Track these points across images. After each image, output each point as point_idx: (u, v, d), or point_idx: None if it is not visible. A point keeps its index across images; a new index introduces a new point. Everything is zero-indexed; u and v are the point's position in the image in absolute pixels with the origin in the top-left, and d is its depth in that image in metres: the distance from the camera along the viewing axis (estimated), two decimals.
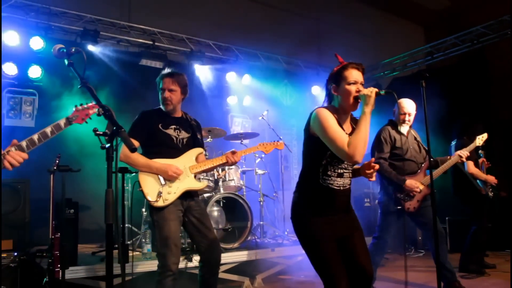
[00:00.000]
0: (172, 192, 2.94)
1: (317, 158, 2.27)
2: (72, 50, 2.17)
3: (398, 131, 3.91)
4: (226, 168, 4.94)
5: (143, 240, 4.31)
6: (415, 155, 3.91)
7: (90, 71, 5.29)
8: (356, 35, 8.20)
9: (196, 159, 3.17)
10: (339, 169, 2.28)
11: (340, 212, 2.32)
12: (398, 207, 3.79)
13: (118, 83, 5.83)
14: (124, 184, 3.77)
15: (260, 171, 5.49)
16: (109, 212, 1.98)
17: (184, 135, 3.16)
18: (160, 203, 2.89)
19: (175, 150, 3.09)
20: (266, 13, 7.76)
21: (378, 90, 2.19)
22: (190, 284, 3.96)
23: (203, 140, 3.51)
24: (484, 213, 4.69)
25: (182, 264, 3.98)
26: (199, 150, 3.22)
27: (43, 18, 5.51)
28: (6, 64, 5.21)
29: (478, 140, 4.15)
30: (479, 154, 4.69)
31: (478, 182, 4.73)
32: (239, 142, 5.52)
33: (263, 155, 5.62)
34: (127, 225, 4.92)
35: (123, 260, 2.84)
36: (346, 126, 2.34)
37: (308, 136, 2.31)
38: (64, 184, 3.59)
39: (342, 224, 2.30)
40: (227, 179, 4.95)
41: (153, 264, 3.86)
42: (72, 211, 3.76)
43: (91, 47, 5.76)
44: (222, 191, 4.77)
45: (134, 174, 3.19)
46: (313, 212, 2.26)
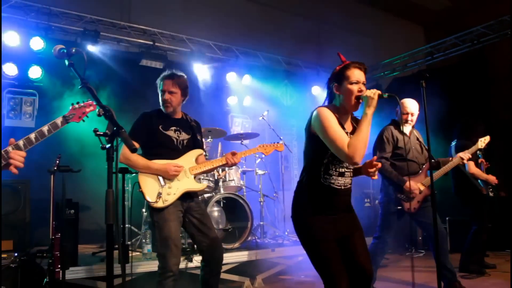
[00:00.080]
0: (171, 193, 2.94)
1: (318, 157, 2.27)
2: (73, 50, 2.17)
3: (401, 131, 3.91)
4: (227, 168, 4.94)
5: (143, 240, 4.31)
6: (417, 155, 3.91)
7: (91, 72, 5.29)
8: (356, 35, 8.21)
9: (196, 160, 3.17)
10: (340, 168, 2.28)
11: (341, 212, 2.32)
12: (399, 207, 3.79)
13: (118, 84, 5.83)
14: (125, 185, 3.77)
15: (260, 171, 5.49)
16: (109, 212, 1.98)
17: (184, 136, 3.16)
18: (160, 204, 2.89)
19: (175, 151, 3.09)
20: (266, 13, 7.76)
21: (381, 92, 2.19)
22: (191, 284, 3.97)
23: (203, 141, 3.51)
24: (484, 213, 4.69)
25: (183, 265, 3.98)
26: (199, 151, 3.22)
27: (43, 19, 5.51)
28: (6, 65, 5.21)
29: (480, 142, 4.15)
30: (478, 155, 4.70)
31: (479, 182, 4.74)
32: (239, 142, 5.52)
33: (263, 156, 5.61)
34: (127, 225, 4.92)
35: (123, 261, 2.84)
36: (347, 125, 2.34)
37: (309, 135, 2.31)
38: (64, 185, 3.60)
39: (342, 223, 2.31)
40: (227, 180, 4.96)
41: (153, 265, 3.86)
42: (72, 211, 3.76)
43: (91, 48, 5.76)
44: (222, 191, 4.77)
45: (134, 174, 3.19)
46: (314, 211, 2.26)
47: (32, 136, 2.10)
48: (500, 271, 4.80)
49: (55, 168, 3.53)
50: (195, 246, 3.53)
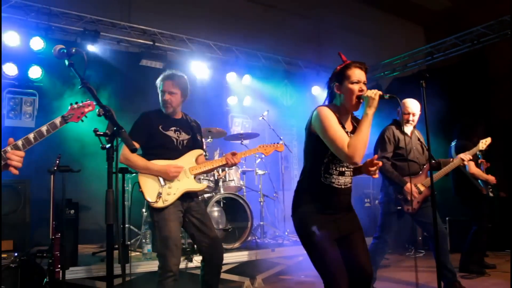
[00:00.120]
0: (171, 193, 2.95)
1: (318, 156, 2.27)
2: (73, 50, 2.17)
3: (402, 131, 3.91)
4: (227, 168, 4.94)
5: (143, 240, 4.31)
6: (418, 156, 3.90)
7: (91, 72, 5.28)
8: (356, 35, 8.20)
9: (196, 161, 3.17)
10: (340, 167, 2.28)
11: (341, 211, 2.32)
12: (398, 208, 3.79)
13: (118, 84, 5.83)
14: (125, 185, 3.77)
15: (260, 172, 5.49)
16: (109, 212, 1.98)
17: (184, 136, 3.16)
18: (160, 204, 2.90)
19: (175, 151, 3.09)
20: (266, 13, 7.76)
21: (382, 93, 2.19)
22: (191, 284, 3.96)
23: (203, 141, 3.51)
24: (484, 213, 4.69)
25: (183, 265, 3.98)
26: (199, 151, 3.22)
27: (43, 19, 5.51)
28: (7, 65, 5.21)
29: (481, 144, 4.16)
30: (478, 155, 4.70)
31: (479, 182, 4.74)
32: (239, 142, 5.52)
33: (263, 156, 5.61)
34: (127, 225, 4.92)
35: (123, 261, 2.84)
36: (348, 125, 2.35)
37: (310, 134, 2.30)
38: (64, 185, 3.60)
39: (343, 223, 2.30)
40: (227, 180, 4.96)
41: (153, 265, 3.87)
42: (72, 211, 3.77)
43: (91, 48, 5.75)
44: (222, 191, 4.77)
45: (134, 174, 3.20)
46: (314, 210, 2.26)
47: (31, 136, 2.10)
48: (500, 271, 4.80)
49: (55, 168, 3.53)
50: (195, 246, 3.53)
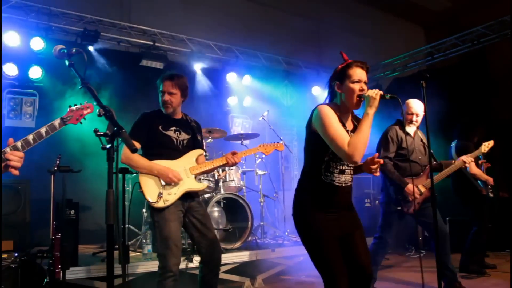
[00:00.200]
0: (172, 193, 2.95)
1: (319, 154, 2.27)
2: (73, 50, 2.17)
3: (405, 132, 3.91)
4: (227, 168, 4.94)
5: (144, 240, 4.31)
6: (420, 157, 3.90)
7: (91, 72, 5.30)
8: (356, 36, 8.20)
9: (196, 161, 3.17)
10: (341, 165, 2.28)
11: (342, 209, 2.32)
12: (398, 208, 3.79)
13: (118, 84, 5.82)
14: (125, 185, 3.77)
15: (260, 172, 5.49)
16: (110, 212, 1.98)
17: (184, 136, 3.16)
18: (161, 204, 2.90)
19: (175, 151, 3.09)
20: (266, 13, 7.76)
21: (383, 93, 2.19)
22: (191, 284, 3.96)
23: (203, 141, 3.51)
24: (484, 213, 4.69)
25: (183, 265, 3.99)
26: (199, 151, 3.22)
27: (44, 19, 5.51)
28: (7, 65, 5.21)
29: (483, 146, 4.16)
30: (479, 156, 4.69)
31: (479, 183, 4.74)
32: (240, 142, 5.52)
33: (263, 156, 5.62)
34: (127, 225, 4.92)
35: (123, 261, 2.84)
36: (348, 124, 2.35)
37: (310, 132, 2.31)
38: (64, 185, 3.60)
39: (343, 222, 2.30)
40: (227, 180, 4.96)
41: (153, 265, 3.87)
42: (72, 211, 3.77)
43: (91, 48, 5.75)
44: (222, 191, 4.77)
45: (134, 175, 3.19)
46: (315, 209, 2.26)
47: (30, 137, 2.11)
48: (500, 271, 4.80)
49: (56, 168, 3.53)
50: (195, 247, 3.53)
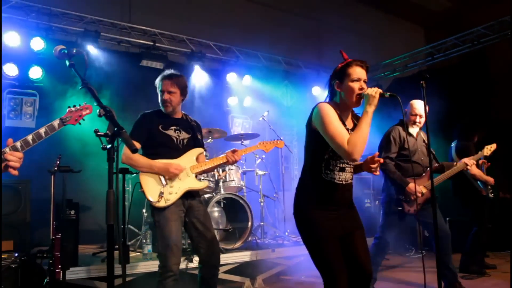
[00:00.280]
0: (173, 192, 2.95)
1: (319, 152, 2.28)
2: (73, 51, 2.18)
3: (408, 132, 3.92)
4: (227, 168, 4.95)
5: (144, 241, 4.31)
6: (422, 158, 3.90)
7: (91, 72, 5.29)
8: (356, 36, 8.20)
9: (197, 159, 3.18)
10: (341, 163, 2.29)
11: (343, 207, 2.32)
12: (399, 208, 3.79)
13: (119, 84, 5.83)
14: (125, 185, 3.77)
15: (260, 172, 5.49)
16: (110, 212, 1.98)
17: (184, 135, 3.17)
18: (162, 204, 2.90)
19: (175, 150, 3.10)
20: (267, 13, 7.76)
21: (382, 91, 2.20)
22: (191, 284, 3.96)
23: (203, 141, 3.51)
24: (484, 214, 4.69)
25: (183, 265, 3.99)
26: (200, 150, 3.23)
27: (44, 19, 5.51)
28: (7, 65, 5.21)
29: (486, 149, 4.19)
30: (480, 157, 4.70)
31: (479, 183, 4.73)
32: (240, 142, 5.52)
33: (263, 156, 5.62)
34: (127, 225, 4.92)
35: (124, 261, 2.83)
36: (348, 122, 2.36)
37: (310, 131, 2.32)
38: (65, 185, 3.60)
39: (344, 221, 2.30)
40: (227, 180, 4.95)
41: (153, 265, 3.87)
42: (72, 211, 3.76)
43: (91, 48, 5.75)
44: (222, 191, 4.77)
45: (134, 175, 3.20)
46: (316, 207, 2.26)
47: (29, 138, 2.11)
48: (501, 272, 4.80)
49: (56, 168, 3.53)
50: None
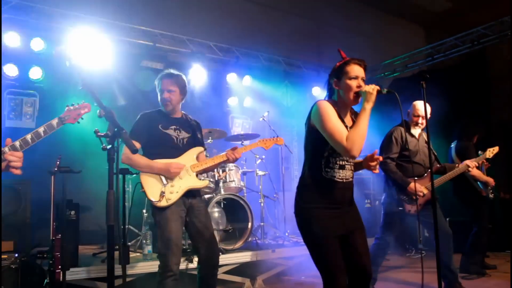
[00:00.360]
0: (174, 192, 2.95)
1: (318, 150, 2.28)
2: (74, 51, 2.18)
3: (410, 133, 3.91)
4: (227, 169, 4.95)
5: (144, 241, 4.31)
6: (424, 158, 3.90)
7: (91, 72, 5.28)
8: (356, 36, 8.20)
9: (197, 158, 3.19)
10: (340, 161, 2.29)
11: (344, 206, 2.32)
12: (400, 208, 3.79)
13: (118, 85, 5.82)
14: (125, 186, 3.76)
15: (260, 172, 5.49)
16: (110, 213, 1.98)
17: (184, 135, 3.17)
18: (163, 203, 2.90)
19: (175, 150, 3.10)
20: (267, 14, 7.76)
21: (379, 88, 2.22)
22: (191, 285, 3.96)
23: (203, 141, 3.51)
24: (484, 214, 4.69)
25: (183, 265, 3.99)
26: (200, 149, 3.23)
27: (44, 19, 5.47)
28: (7, 65, 5.20)
29: (488, 152, 4.20)
30: (479, 154, 4.70)
31: (479, 184, 4.74)
32: (240, 143, 5.52)
33: (263, 156, 5.62)
34: (127, 226, 4.91)
35: (124, 261, 2.84)
36: (347, 120, 2.37)
37: (309, 129, 2.33)
38: (65, 185, 3.60)
39: (345, 220, 2.30)
40: (227, 180, 4.95)
41: (153, 265, 3.87)
42: (73, 212, 3.77)
43: (91, 48, 5.73)
44: (222, 192, 4.77)
45: (134, 175, 3.19)
46: (317, 205, 2.26)
47: (28, 137, 2.11)
48: (501, 272, 4.80)
49: (56, 169, 3.53)
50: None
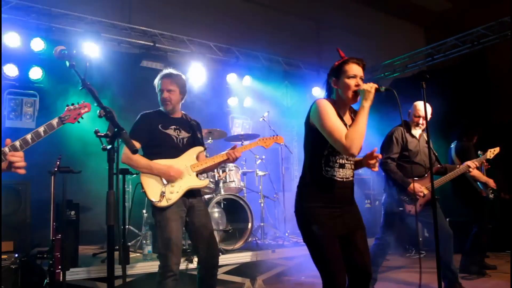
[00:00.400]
0: (175, 192, 2.95)
1: (318, 149, 2.29)
2: (74, 51, 2.18)
3: (411, 133, 3.92)
4: (227, 169, 4.95)
5: (144, 241, 4.31)
6: (424, 159, 3.90)
7: (91, 73, 5.27)
8: (356, 36, 8.20)
9: (197, 158, 3.18)
10: (340, 159, 2.29)
11: (344, 205, 2.32)
12: (400, 209, 3.79)
13: (119, 85, 5.82)
14: (125, 186, 3.77)
15: (260, 173, 5.49)
16: (110, 213, 1.98)
17: (184, 134, 3.17)
18: (164, 203, 2.90)
19: (175, 149, 3.10)
20: (267, 14, 7.77)
21: (377, 86, 2.23)
22: (191, 285, 3.96)
23: (203, 141, 3.51)
24: (484, 214, 4.69)
25: (183, 265, 3.98)
26: (200, 148, 3.23)
27: (44, 20, 5.51)
28: (7, 66, 5.21)
29: (489, 153, 4.20)
30: (478, 155, 4.70)
31: (479, 184, 4.74)
32: (240, 143, 5.52)
33: (263, 157, 5.62)
34: (127, 226, 4.91)
35: (124, 262, 2.84)
36: (347, 118, 2.37)
37: (309, 128, 2.33)
38: (65, 186, 3.60)
39: (345, 220, 2.30)
40: (227, 181, 4.95)
41: (153, 266, 3.87)
42: (73, 212, 3.77)
43: (92, 49, 5.74)
44: (222, 192, 4.77)
45: (134, 175, 3.20)
46: (317, 205, 2.26)
47: (28, 137, 2.11)
48: (501, 272, 4.80)
49: (56, 169, 3.53)
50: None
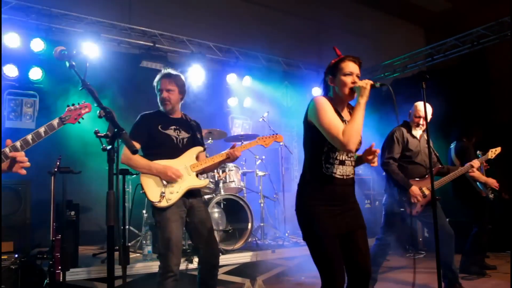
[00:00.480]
0: (174, 192, 2.95)
1: (318, 146, 2.29)
2: (73, 52, 2.18)
3: (411, 134, 3.92)
4: (227, 169, 4.95)
5: (144, 242, 4.31)
6: (425, 159, 3.89)
7: (91, 73, 5.27)
8: (356, 37, 8.20)
9: (197, 158, 3.19)
10: (340, 155, 2.29)
11: (345, 203, 2.32)
12: (401, 209, 3.78)
13: (119, 85, 5.82)
14: (125, 186, 3.77)
15: (260, 173, 5.49)
16: (110, 214, 1.98)
17: (184, 135, 3.17)
18: (164, 204, 2.90)
19: (175, 150, 3.10)
20: (266, 14, 7.77)
21: (373, 82, 2.25)
22: (191, 285, 3.96)
23: (203, 141, 3.51)
24: (484, 215, 4.69)
25: (183, 266, 3.98)
26: (200, 148, 3.23)
27: (44, 20, 5.51)
28: (7, 66, 5.21)
29: (490, 153, 4.21)
30: (478, 155, 4.70)
31: (478, 185, 4.74)
32: (240, 143, 5.51)
33: (263, 157, 5.62)
34: (127, 227, 4.91)
35: (124, 262, 2.83)
36: (345, 114, 2.38)
37: (307, 126, 2.34)
38: (65, 186, 3.60)
39: (346, 218, 2.29)
40: (227, 181, 4.95)
41: (153, 266, 3.87)
42: (73, 213, 3.77)
43: (91, 49, 5.74)
44: (222, 192, 4.77)
45: (134, 176, 3.19)
46: (318, 203, 2.25)
47: (29, 137, 2.11)
48: (501, 272, 4.80)
49: (56, 169, 3.53)
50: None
